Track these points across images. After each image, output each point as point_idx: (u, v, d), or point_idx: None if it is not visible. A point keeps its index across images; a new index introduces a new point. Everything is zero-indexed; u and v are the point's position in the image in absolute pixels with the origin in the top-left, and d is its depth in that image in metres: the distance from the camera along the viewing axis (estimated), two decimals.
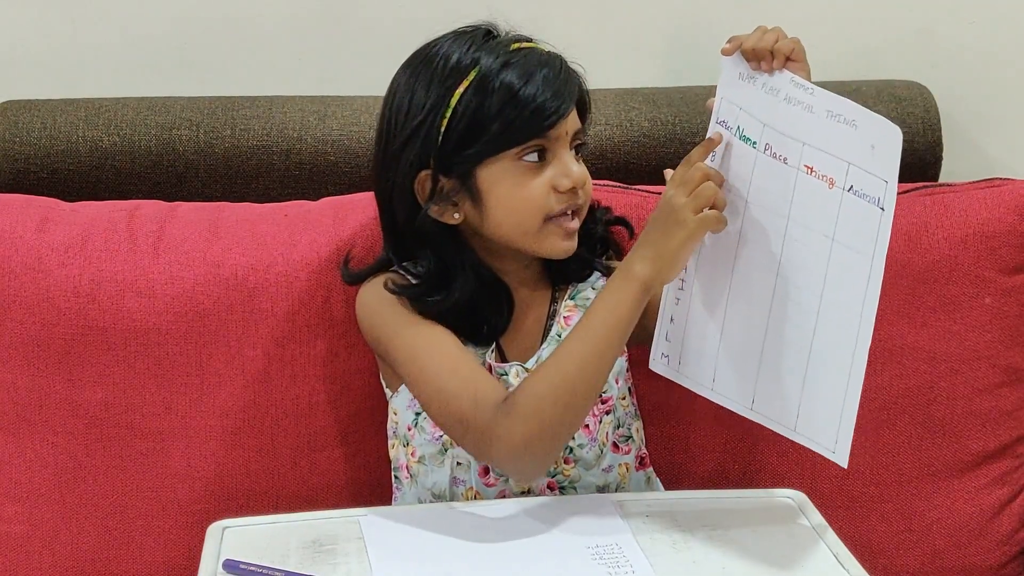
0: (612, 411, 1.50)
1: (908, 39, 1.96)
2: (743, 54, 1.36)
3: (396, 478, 1.53)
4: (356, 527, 1.35)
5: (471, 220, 1.44)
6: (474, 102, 1.39)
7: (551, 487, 1.48)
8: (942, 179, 1.84)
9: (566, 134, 1.42)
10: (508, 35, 1.45)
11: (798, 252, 1.32)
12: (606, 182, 1.69)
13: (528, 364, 1.46)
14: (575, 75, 1.45)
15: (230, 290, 1.60)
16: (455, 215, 1.44)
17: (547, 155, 1.42)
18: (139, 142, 1.75)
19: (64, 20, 1.87)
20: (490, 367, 1.45)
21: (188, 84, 1.86)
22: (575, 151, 1.45)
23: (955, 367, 1.68)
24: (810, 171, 1.30)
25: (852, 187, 1.27)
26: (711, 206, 1.33)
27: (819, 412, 1.31)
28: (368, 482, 1.62)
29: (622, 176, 1.74)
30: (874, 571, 1.31)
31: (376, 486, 1.60)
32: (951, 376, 1.68)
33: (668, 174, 1.37)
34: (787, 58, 1.33)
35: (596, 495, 1.48)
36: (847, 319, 1.28)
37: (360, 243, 1.60)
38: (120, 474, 1.60)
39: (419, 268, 1.47)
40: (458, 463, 1.47)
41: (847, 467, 1.29)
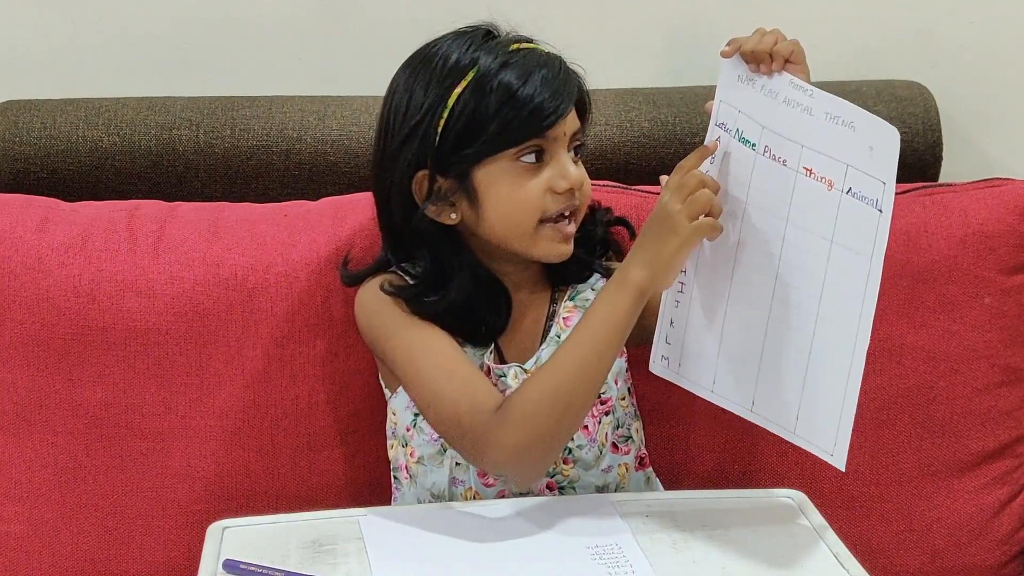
0: (611, 411, 1.50)
1: (908, 39, 1.95)
2: (742, 56, 1.36)
3: (395, 478, 1.53)
4: (356, 527, 1.35)
5: (468, 221, 1.44)
6: (472, 102, 1.39)
7: (550, 487, 1.48)
8: (942, 179, 1.84)
9: (564, 135, 1.41)
10: (508, 35, 1.45)
11: (797, 254, 1.32)
12: (606, 182, 1.69)
13: (527, 365, 1.46)
14: (574, 76, 1.44)
15: (230, 290, 1.60)
16: (452, 215, 1.44)
17: (544, 156, 1.41)
18: (139, 142, 1.75)
19: (64, 20, 1.87)
20: (488, 368, 1.45)
21: (188, 84, 1.86)
22: (574, 152, 1.45)
23: (954, 367, 1.68)
24: (809, 173, 1.30)
25: (851, 189, 1.27)
26: (707, 213, 1.33)
27: (818, 414, 1.31)
28: (367, 482, 1.62)
29: (622, 176, 1.74)
30: (874, 571, 1.31)
31: (375, 486, 1.60)
32: (951, 376, 1.68)
33: (664, 180, 1.37)
34: (786, 60, 1.33)
35: (596, 495, 1.48)
36: (846, 321, 1.28)
37: (359, 243, 1.60)
38: (120, 474, 1.60)
39: (417, 269, 1.47)
40: (457, 463, 1.47)
41: (845, 470, 1.29)
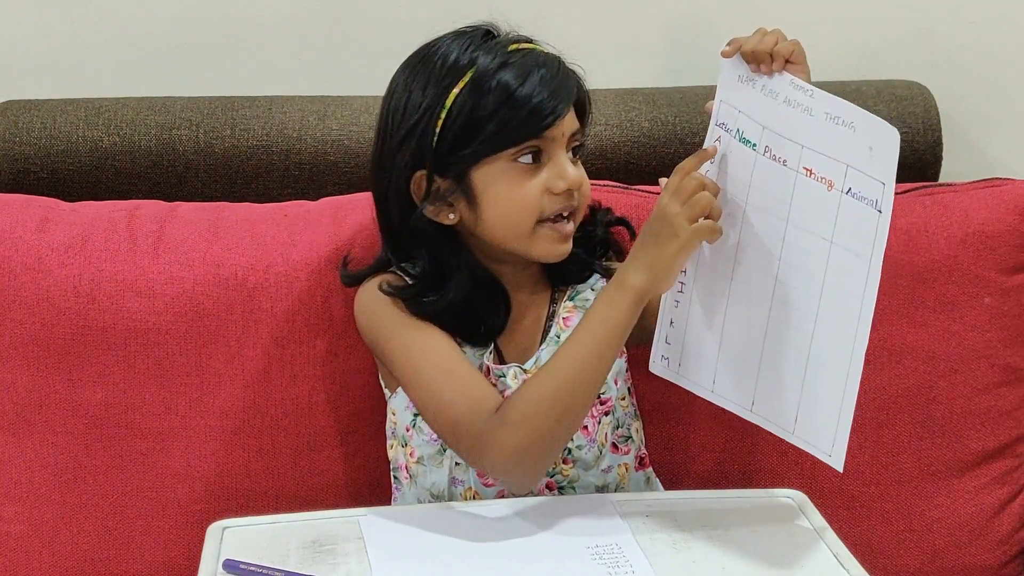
0: (611, 412, 1.50)
1: (908, 39, 1.95)
2: (743, 56, 1.36)
3: (395, 478, 1.53)
4: (356, 527, 1.35)
5: (466, 221, 1.44)
6: (470, 102, 1.38)
7: (550, 487, 1.48)
8: (942, 179, 1.84)
9: (562, 135, 1.41)
10: (507, 36, 1.44)
11: (797, 255, 1.32)
12: (606, 182, 1.69)
13: (527, 365, 1.46)
14: (573, 76, 1.44)
15: (230, 290, 1.60)
16: (450, 216, 1.44)
17: (543, 157, 1.41)
18: (139, 142, 1.75)
19: (64, 20, 1.87)
20: (488, 368, 1.45)
21: (188, 84, 1.86)
22: (573, 152, 1.44)
23: (954, 367, 1.68)
24: (809, 173, 1.30)
25: (850, 189, 1.27)
26: (706, 215, 1.33)
27: (817, 415, 1.31)
28: (367, 482, 1.62)
29: (622, 176, 1.73)
30: (874, 571, 1.31)
31: (375, 486, 1.60)
32: (951, 376, 1.68)
33: (663, 183, 1.36)
34: (787, 60, 1.33)
35: (596, 495, 1.48)
36: (845, 322, 1.28)
37: (359, 243, 1.60)
38: (120, 474, 1.60)
39: (417, 269, 1.47)
40: (456, 463, 1.47)
41: (843, 470, 1.29)
